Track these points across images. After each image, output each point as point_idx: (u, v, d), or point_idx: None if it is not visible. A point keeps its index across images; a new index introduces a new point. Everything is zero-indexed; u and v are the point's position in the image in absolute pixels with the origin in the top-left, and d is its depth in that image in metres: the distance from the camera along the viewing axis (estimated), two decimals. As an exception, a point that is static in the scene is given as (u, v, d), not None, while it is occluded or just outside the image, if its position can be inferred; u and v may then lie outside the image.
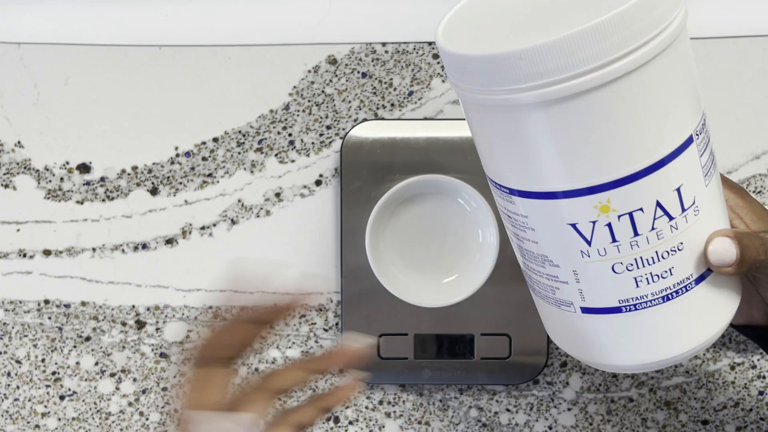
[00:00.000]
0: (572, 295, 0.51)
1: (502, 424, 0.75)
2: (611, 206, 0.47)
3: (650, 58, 0.45)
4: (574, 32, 0.43)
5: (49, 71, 0.73)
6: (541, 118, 0.46)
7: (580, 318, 0.52)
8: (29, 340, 0.75)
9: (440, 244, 0.71)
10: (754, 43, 0.72)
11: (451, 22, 0.49)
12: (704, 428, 0.75)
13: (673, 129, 0.47)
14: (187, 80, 0.73)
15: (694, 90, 0.49)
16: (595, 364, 0.54)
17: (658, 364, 0.52)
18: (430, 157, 0.71)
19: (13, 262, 0.75)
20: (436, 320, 0.72)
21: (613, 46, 0.44)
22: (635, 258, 0.49)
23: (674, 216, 0.48)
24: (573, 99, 0.45)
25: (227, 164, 0.74)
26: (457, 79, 0.48)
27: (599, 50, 0.44)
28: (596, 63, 0.44)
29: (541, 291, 0.53)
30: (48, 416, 0.76)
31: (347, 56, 0.73)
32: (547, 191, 0.48)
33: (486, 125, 0.49)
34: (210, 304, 0.75)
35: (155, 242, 0.74)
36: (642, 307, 0.50)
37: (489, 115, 0.48)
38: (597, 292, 0.50)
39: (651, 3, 0.44)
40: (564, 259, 0.50)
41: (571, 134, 0.46)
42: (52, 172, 0.74)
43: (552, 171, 0.47)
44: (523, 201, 0.49)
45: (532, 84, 0.44)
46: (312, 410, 0.55)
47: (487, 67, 0.45)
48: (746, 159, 0.73)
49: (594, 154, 0.46)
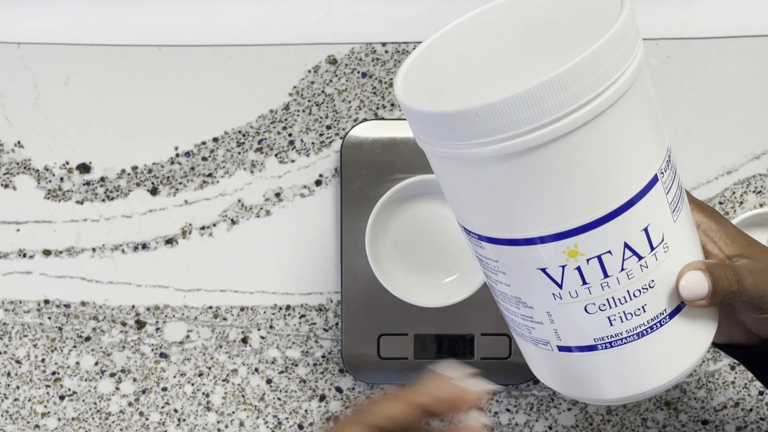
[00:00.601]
0: (548, 334, 0.51)
1: (502, 424, 0.75)
2: (579, 251, 0.47)
3: (607, 106, 0.44)
4: (528, 89, 0.43)
5: (49, 71, 0.73)
6: (501, 170, 0.46)
7: (558, 356, 0.52)
8: (29, 340, 0.75)
9: (440, 244, 0.71)
10: (754, 43, 0.72)
11: (409, 73, 0.49)
12: (704, 428, 0.75)
13: (635, 171, 0.47)
14: (187, 80, 0.73)
15: (657, 127, 0.48)
16: (580, 398, 0.54)
17: (643, 395, 0.52)
18: (430, 157, 0.71)
19: (13, 262, 0.75)
20: (436, 320, 0.72)
21: (568, 99, 0.43)
22: (607, 298, 0.49)
23: (643, 255, 0.48)
24: (531, 152, 0.45)
25: (227, 164, 0.74)
26: (418, 132, 0.48)
27: (553, 105, 0.43)
28: (551, 117, 0.44)
29: (517, 329, 0.53)
30: (48, 416, 0.76)
31: (347, 56, 0.73)
32: (514, 238, 0.48)
33: (450, 176, 0.49)
34: (210, 304, 0.75)
35: (155, 242, 0.74)
36: (618, 344, 0.50)
37: (452, 166, 0.48)
38: (571, 332, 0.50)
39: (606, 51, 0.44)
40: (537, 301, 0.50)
41: (532, 185, 0.46)
42: (52, 172, 0.74)
43: (517, 219, 0.47)
44: (492, 246, 0.49)
45: (490, 139, 0.44)
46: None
47: (445, 123, 0.45)
48: (746, 159, 0.73)
49: (557, 203, 0.46)
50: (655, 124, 0.48)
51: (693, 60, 0.72)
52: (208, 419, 0.76)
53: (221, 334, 0.75)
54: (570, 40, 0.46)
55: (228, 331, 0.75)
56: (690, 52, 0.72)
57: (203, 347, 0.75)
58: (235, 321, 0.75)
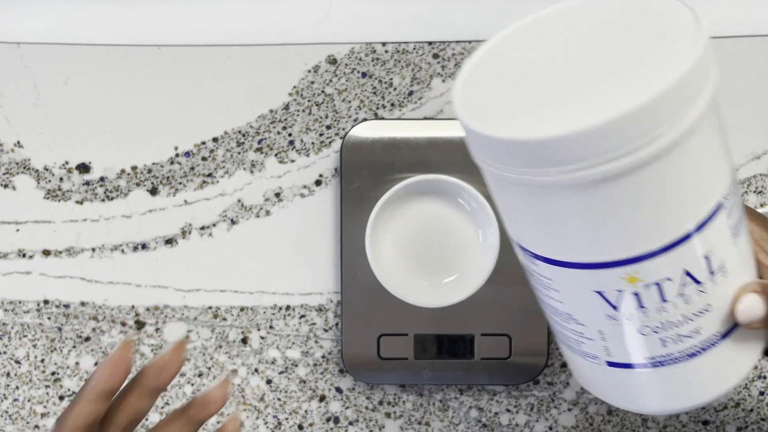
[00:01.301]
0: (598, 350, 0.51)
1: (502, 424, 0.75)
2: (639, 277, 0.47)
3: (687, 137, 0.43)
4: (606, 121, 0.41)
5: (49, 71, 0.73)
6: (568, 198, 0.45)
7: (606, 370, 0.52)
8: (29, 340, 0.75)
9: (440, 244, 0.71)
10: (754, 43, 0.72)
11: (466, 86, 0.48)
12: (705, 428, 0.75)
13: (702, 199, 0.46)
14: (187, 80, 0.73)
15: (726, 156, 0.47)
16: (626, 408, 0.54)
17: (691, 408, 0.52)
18: (430, 157, 0.71)
19: (12, 262, 0.75)
20: (436, 320, 0.72)
21: (647, 130, 0.42)
22: (662, 321, 0.48)
23: (702, 281, 0.47)
24: (602, 182, 0.44)
25: (227, 164, 0.74)
26: (478, 153, 0.47)
27: (631, 137, 0.42)
28: (627, 149, 0.42)
29: (565, 341, 0.53)
30: (47, 416, 0.75)
31: (347, 56, 0.73)
32: (573, 261, 0.47)
33: (508, 197, 0.48)
34: (209, 304, 0.75)
35: (155, 242, 0.74)
36: (668, 363, 0.50)
37: (512, 188, 0.47)
38: (623, 351, 0.50)
39: (681, 84, 0.42)
40: (589, 320, 0.50)
41: (599, 214, 0.45)
42: (52, 172, 0.74)
43: (579, 245, 0.47)
44: (548, 266, 0.49)
45: (560, 168, 0.43)
46: (180, 424, 0.53)
47: (512, 149, 0.44)
48: (746, 159, 0.73)
49: (622, 231, 0.46)
50: (726, 149, 0.47)
51: (693, 60, 0.72)
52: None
53: (221, 334, 0.75)
54: (637, 52, 0.44)
55: (228, 332, 0.75)
56: (690, 52, 0.72)
57: (203, 347, 0.75)
58: (235, 321, 0.75)
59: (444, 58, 0.73)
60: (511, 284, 0.71)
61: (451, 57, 0.73)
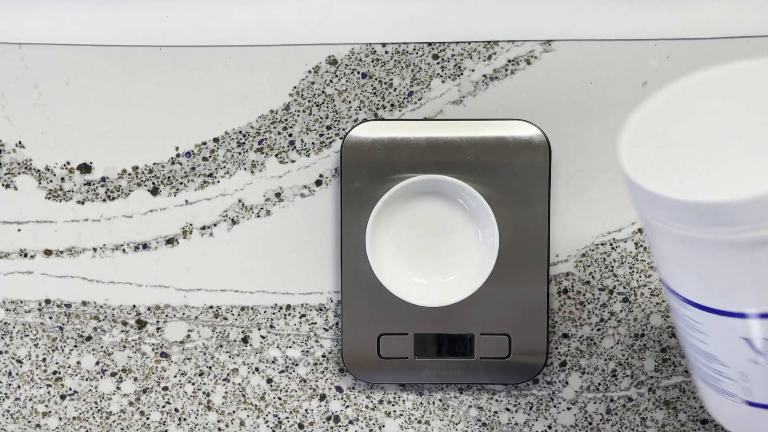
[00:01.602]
0: (738, 390, 0.51)
1: (501, 423, 0.75)
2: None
3: None
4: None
5: (50, 72, 0.73)
6: (732, 256, 0.45)
7: (744, 408, 0.52)
8: (30, 339, 0.75)
9: (440, 243, 0.71)
10: (754, 43, 0.72)
11: (632, 139, 0.48)
12: (703, 428, 0.75)
13: None
14: (187, 80, 0.73)
15: None
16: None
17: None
18: (430, 157, 0.71)
19: (14, 262, 0.75)
20: (436, 320, 0.72)
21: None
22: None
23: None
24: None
25: (227, 164, 0.74)
26: (644, 208, 0.47)
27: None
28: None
29: (703, 377, 0.53)
30: (49, 416, 0.76)
31: (347, 56, 0.73)
32: (726, 310, 0.48)
33: (668, 248, 0.48)
34: (210, 304, 0.75)
35: (156, 242, 0.75)
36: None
37: (673, 240, 0.47)
38: (765, 393, 0.50)
39: None
40: (733, 363, 0.50)
41: (761, 271, 0.45)
42: (53, 172, 0.74)
43: (735, 296, 0.47)
44: (699, 312, 0.49)
45: (729, 229, 0.44)
46: None
47: (681, 210, 0.44)
48: None
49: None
50: None
51: (693, 60, 0.72)
52: (208, 418, 0.76)
53: (222, 333, 0.75)
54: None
55: (228, 331, 0.75)
56: (690, 53, 0.72)
57: (204, 347, 0.75)
58: (236, 321, 0.75)
59: (444, 59, 0.73)
60: (511, 284, 0.71)
61: (450, 58, 0.73)
